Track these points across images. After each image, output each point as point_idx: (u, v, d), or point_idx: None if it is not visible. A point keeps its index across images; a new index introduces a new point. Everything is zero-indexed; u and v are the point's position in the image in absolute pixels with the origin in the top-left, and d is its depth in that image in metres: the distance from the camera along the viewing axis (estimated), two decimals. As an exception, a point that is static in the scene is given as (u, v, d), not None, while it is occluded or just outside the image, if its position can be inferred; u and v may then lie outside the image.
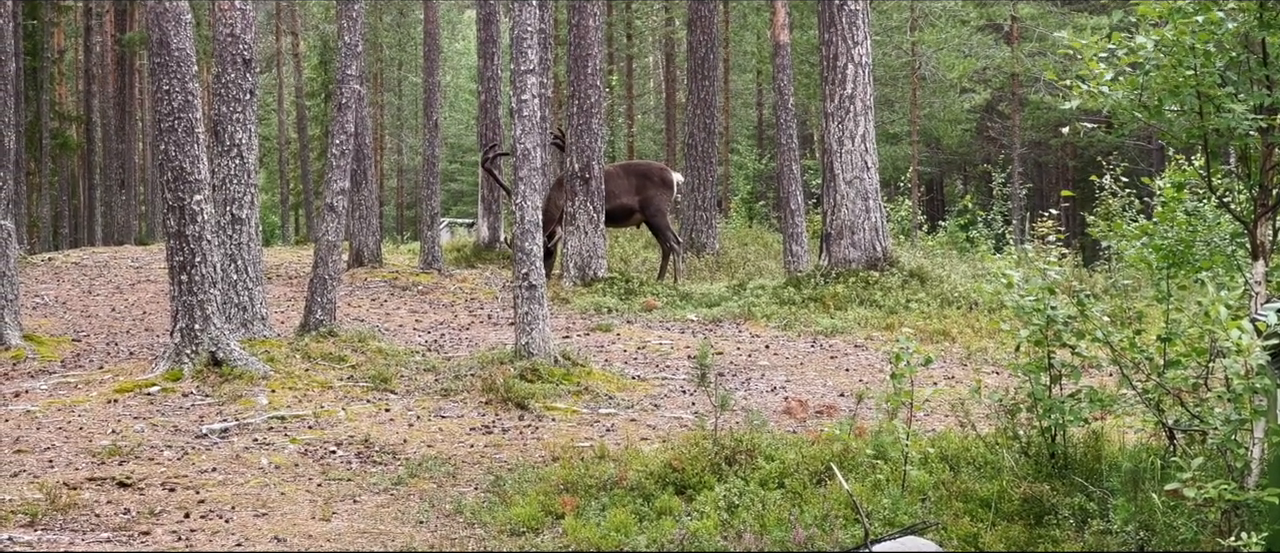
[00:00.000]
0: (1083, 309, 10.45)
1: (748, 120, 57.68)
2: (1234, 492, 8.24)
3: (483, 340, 19.39)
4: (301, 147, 59.95)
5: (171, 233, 15.76)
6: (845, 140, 23.35)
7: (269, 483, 11.88)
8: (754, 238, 35.48)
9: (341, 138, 18.74)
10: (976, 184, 51.59)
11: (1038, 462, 10.67)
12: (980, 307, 21.36)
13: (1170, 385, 10.03)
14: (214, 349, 15.64)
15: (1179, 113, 10.37)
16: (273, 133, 66.37)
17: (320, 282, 18.37)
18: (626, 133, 56.23)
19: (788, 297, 22.57)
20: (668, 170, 27.44)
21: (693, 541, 9.40)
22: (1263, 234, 10.18)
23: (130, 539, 10.21)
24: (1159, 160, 41.37)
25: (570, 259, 25.04)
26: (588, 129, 25.15)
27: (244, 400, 14.74)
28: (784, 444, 12.02)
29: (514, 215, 16.84)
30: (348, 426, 13.97)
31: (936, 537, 9.30)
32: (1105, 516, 9.41)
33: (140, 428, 13.68)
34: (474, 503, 11.19)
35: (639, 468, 11.47)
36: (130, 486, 11.66)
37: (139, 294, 24.34)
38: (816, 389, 16.23)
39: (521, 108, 16.75)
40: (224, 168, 17.70)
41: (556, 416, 14.61)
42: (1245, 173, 10.57)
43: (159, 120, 15.88)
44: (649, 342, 19.54)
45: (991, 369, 17.13)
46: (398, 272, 27.60)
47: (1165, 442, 10.40)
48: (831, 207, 23.54)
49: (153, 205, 56.25)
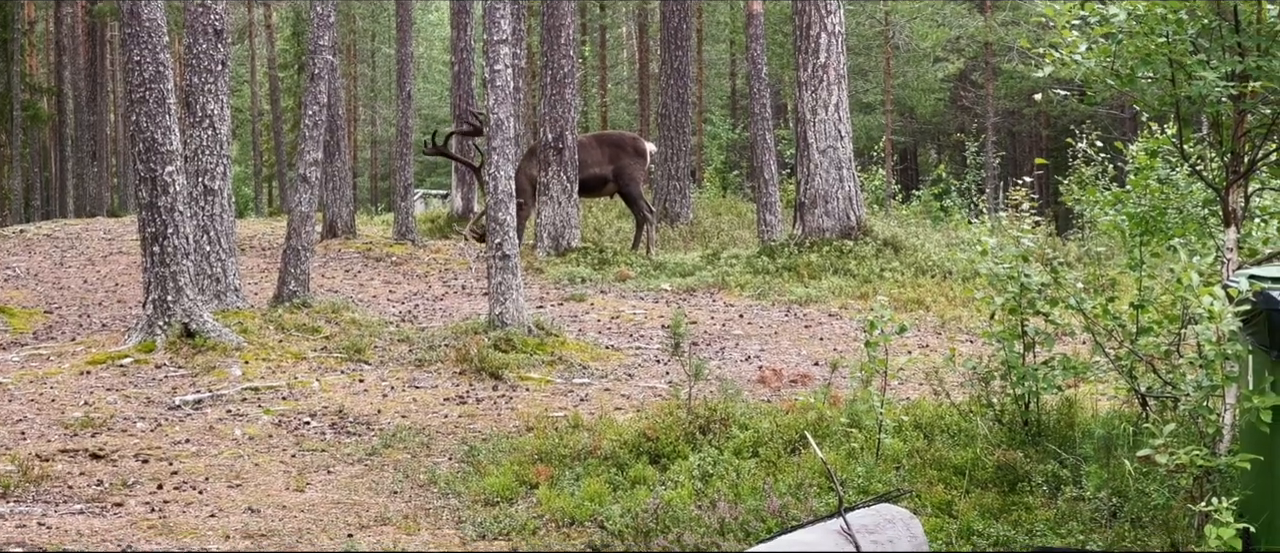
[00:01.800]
0: (1056, 277, 10.47)
1: (721, 90, 57.67)
2: (1206, 458, 8.26)
3: (457, 311, 19.37)
4: (274, 118, 59.80)
5: (143, 204, 15.70)
6: (819, 110, 23.35)
7: (243, 454, 11.86)
8: (728, 208, 35.48)
9: (314, 109, 18.68)
10: (950, 153, 51.63)
11: (1011, 429, 10.69)
12: (954, 275, 21.40)
13: (1143, 352, 10.05)
14: (187, 321, 15.59)
15: (1152, 81, 10.38)
16: (245, 104, 66.24)
17: (293, 253, 18.33)
18: (600, 103, 56.21)
19: (762, 266, 22.58)
20: (641, 140, 27.46)
21: (667, 510, 9.39)
22: (1234, 201, 10.19)
23: (103, 511, 10.19)
24: (1131, 128, 41.44)
25: (544, 229, 25.03)
26: (561, 99, 25.13)
27: (217, 372, 14.71)
28: (758, 413, 12.03)
29: (486, 186, 16.82)
30: (322, 396, 13.95)
31: (911, 504, 9.31)
32: (1078, 482, 9.43)
33: (113, 400, 13.64)
34: (448, 473, 11.18)
35: (613, 438, 11.47)
36: (103, 457, 11.63)
37: (111, 266, 24.27)
38: (791, 358, 16.24)
39: (495, 78, 16.71)
40: (196, 139, 17.64)
41: (530, 385, 14.60)
42: (1217, 140, 10.57)
43: (130, 91, 15.81)
44: (623, 311, 19.54)
45: (965, 337, 17.15)
46: (371, 243, 27.56)
47: (1138, 409, 10.43)
48: (805, 176, 23.54)
49: (125, 177, 56.12)
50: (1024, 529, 9.01)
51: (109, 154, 58.24)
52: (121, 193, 56.60)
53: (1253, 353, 8.23)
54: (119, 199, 56.39)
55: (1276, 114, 10.05)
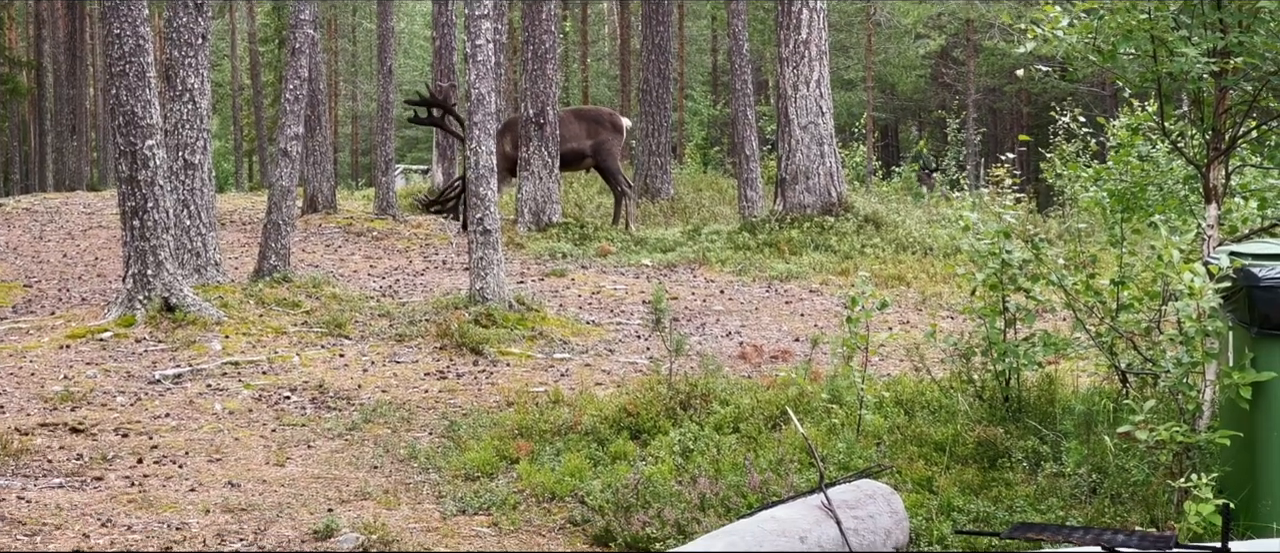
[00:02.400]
0: (1037, 253, 10.47)
1: (702, 66, 57.63)
2: (1185, 434, 8.27)
3: (437, 286, 19.35)
4: (255, 92, 59.72)
5: (123, 178, 15.65)
6: (800, 86, 23.36)
7: (223, 428, 11.84)
8: (708, 183, 35.49)
9: (295, 83, 18.65)
10: (931, 130, 51.67)
11: (992, 405, 10.70)
12: (935, 252, 21.42)
13: (1123, 329, 10.06)
14: (167, 295, 15.55)
15: (1133, 57, 10.38)
16: (226, 79, 66.11)
17: (274, 227, 18.30)
18: (581, 79, 56.17)
19: (742, 242, 22.60)
20: (618, 116, 27.47)
21: (647, 485, 9.39)
22: (1215, 178, 10.19)
23: (83, 484, 10.16)
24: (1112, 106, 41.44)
25: (525, 204, 25.01)
26: (542, 75, 25.10)
27: (197, 346, 14.68)
28: (739, 389, 12.04)
29: (468, 160, 16.80)
30: (302, 371, 13.93)
31: (891, 480, 9.32)
32: (1058, 458, 9.44)
33: (93, 374, 13.61)
34: (428, 448, 11.17)
35: (593, 413, 11.47)
36: (83, 431, 11.60)
37: (91, 240, 24.22)
38: (771, 334, 16.24)
39: (476, 53, 16.69)
40: (176, 113, 17.59)
41: (511, 361, 14.59)
42: (1198, 117, 10.58)
43: (110, 65, 15.74)
44: (604, 287, 19.53)
45: (946, 314, 17.17)
46: (352, 217, 27.52)
47: (1118, 385, 10.44)
48: (786, 152, 23.55)
49: (105, 151, 55.94)
50: (1004, 505, 9.01)
51: (88, 128, 58.04)
52: (101, 167, 56.43)
53: (1233, 329, 8.25)
54: (98, 173, 56.23)
55: (1258, 91, 10.06)
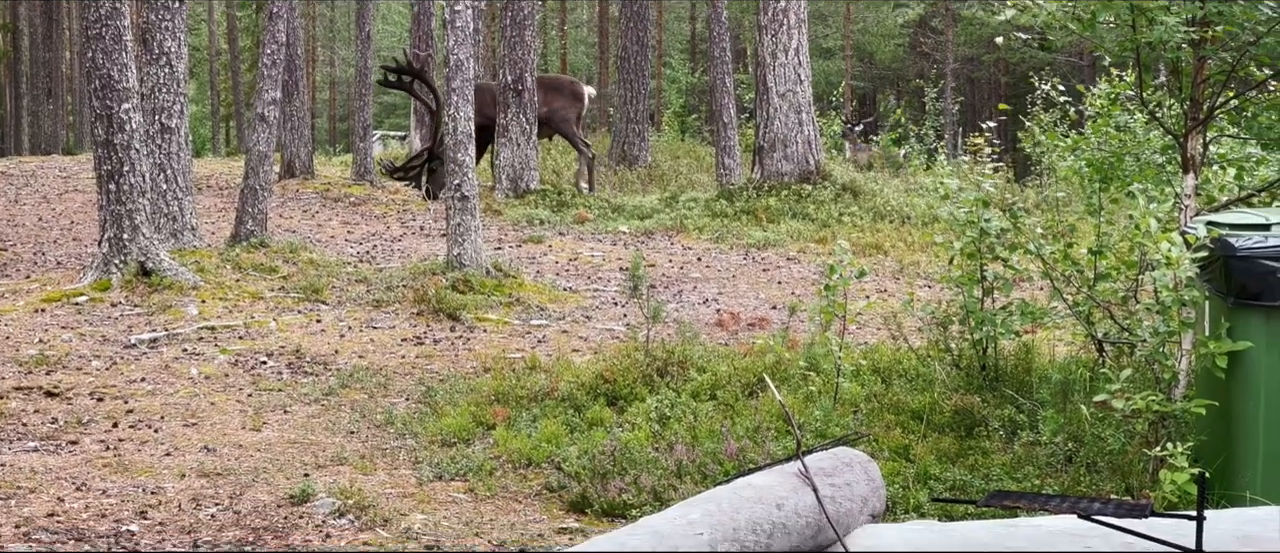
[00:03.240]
0: (1016, 222, 10.49)
1: (681, 34, 57.59)
2: (1161, 403, 8.29)
3: (414, 252, 19.33)
4: (232, 57, 59.46)
5: (99, 142, 15.59)
6: (778, 53, 23.34)
7: (199, 393, 11.82)
8: (686, 151, 35.47)
9: (273, 48, 18.60)
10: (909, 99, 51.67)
11: (969, 374, 10.73)
12: (913, 221, 21.45)
13: (1100, 298, 10.08)
14: (143, 259, 15.51)
15: (1112, 26, 10.37)
16: (203, 43, 65.82)
17: (251, 192, 18.26)
18: (559, 46, 56.07)
19: (720, 209, 22.61)
20: (579, 84, 27.59)
21: (624, 452, 9.40)
22: (1193, 148, 10.20)
23: (58, 448, 10.14)
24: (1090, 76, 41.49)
25: (502, 171, 24.98)
26: (521, 42, 25.05)
27: (174, 311, 14.65)
28: (716, 356, 12.05)
29: (445, 127, 16.75)
30: (279, 336, 13.90)
31: (868, 448, 9.33)
32: (1035, 427, 9.46)
33: (68, 338, 13.58)
34: (405, 414, 11.17)
35: (570, 379, 11.48)
36: (58, 395, 11.58)
37: (67, 204, 24.15)
38: (749, 302, 16.25)
39: (455, 20, 16.65)
40: (153, 76, 17.53)
41: (488, 327, 14.58)
42: (1176, 86, 10.58)
43: (86, 28, 15.67)
44: (581, 253, 19.52)
45: (924, 282, 17.20)
46: (330, 183, 27.46)
47: (1094, 354, 10.46)
48: (764, 120, 23.55)
49: (80, 115, 55.71)
50: (980, 473, 9.04)
51: (64, 92, 57.84)
52: (77, 131, 56.22)
53: (1209, 299, 8.27)
54: (74, 137, 56.03)
55: (1236, 60, 10.06)
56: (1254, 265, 7.82)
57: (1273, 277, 7.76)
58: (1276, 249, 7.79)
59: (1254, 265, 7.82)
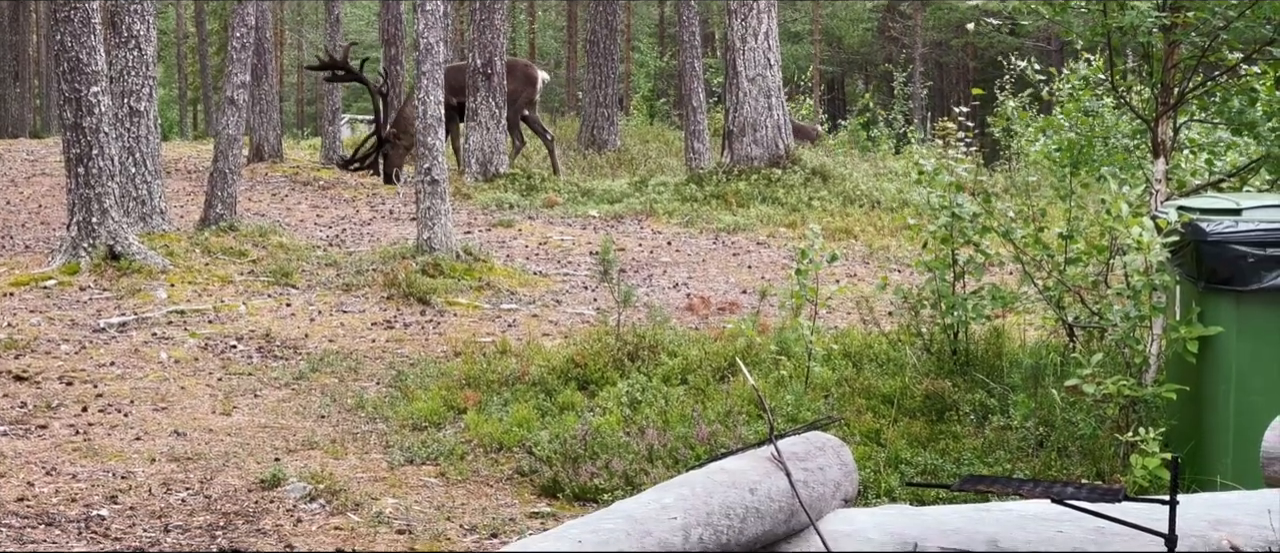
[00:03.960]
0: (987, 206, 10.50)
1: (650, 18, 57.55)
2: (1132, 388, 8.32)
3: (384, 236, 19.30)
4: (200, 41, 59.22)
5: (68, 125, 15.53)
6: (748, 38, 23.33)
7: (168, 377, 11.78)
8: (655, 135, 35.49)
9: (242, 31, 18.54)
10: (877, 84, 51.74)
11: (940, 359, 10.74)
12: (882, 205, 21.47)
13: (1071, 283, 10.10)
14: (112, 243, 15.45)
15: (1083, 11, 10.40)
16: (170, 27, 65.55)
17: (220, 175, 18.21)
18: (527, 30, 55.97)
19: (689, 194, 22.61)
20: (532, 67, 27.69)
21: (595, 436, 9.39)
22: (1163, 132, 10.23)
23: (27, 432, 10.10)
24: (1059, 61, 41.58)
25: (472, 155, 24.94)
26: (490, 25, 25.01)
27: (143, 295, 14.60)
28: (687, 341, 12.05)
29: (414, 109, 16.70)
30: (248, 320, 13.87)
31: (840, 432, 9.34)
32: (1005, 412, 9.48)
33: (36, 322, 13.52)
34: (376, 398, 11.16)
35: (541, 364, 11.48)
36: (27, 379, 11.53)
37: (34, 188, 24.05)
38: (719, 286, 16.26)
39: (424, 2, 16.62)
40: (122, 59, 17.46)
41: (458, 311, 14.56)
42: (1147, 71, 10.62)
43: (55, 10, 15.60)
44: (551, 238, 19.51)
45: (894, 267, 17.22)
46: (299, 167, 27.42)
47: (1065, 339, 10.49)
48: (734, 104, 23.56)
49: (48, 98, 55.42)
50: (951, 458, 9.06)
51: (31, 75, 57.57)
52: (44, 114, 55.94)
53: (1180, 284, 8.30)
54: (42, 121, 55.76)
55: (1207, 45, 10.09)
56: (1225, 250, 7.85)
57: (1243, 261, 7.79)
58: (1247, 234, 7.82)
59: (1225, 250, 7.85)
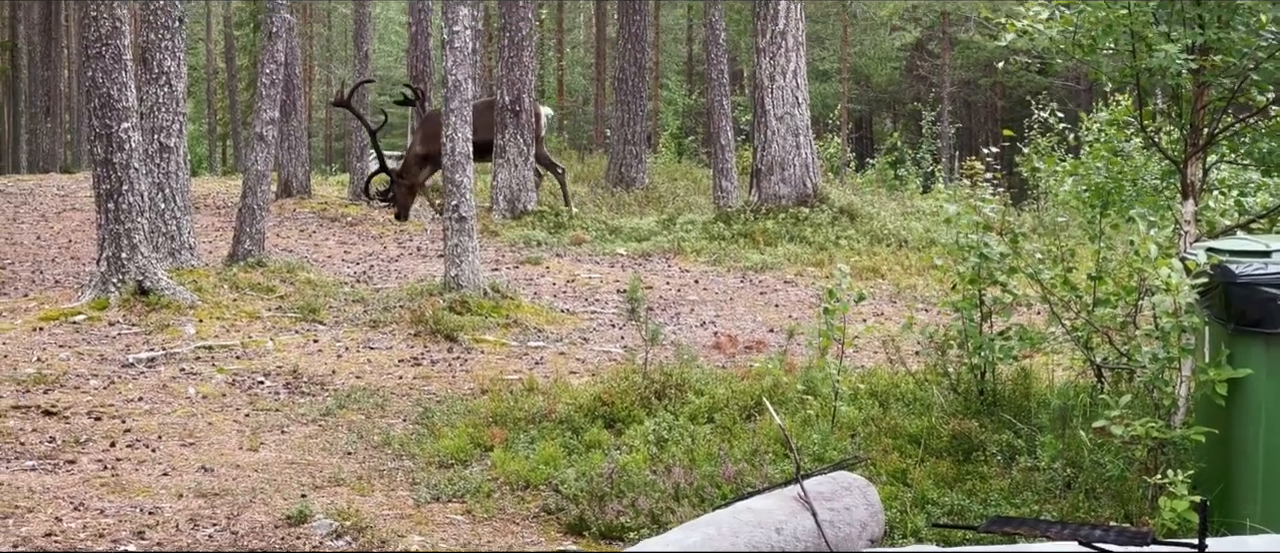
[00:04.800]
0: (1015, 246, 10.48)
1: (678, 56, 57.62)
2: (1161, 430, 8.29)
3: (412, 272, 19.32)
4: (230, 76, 59.46)
5: (98, 161, 15.59)
6: (777, 76, 23.36)
7: (196, 413, 11.80)
8: (684, 173, 35.48)
9: (272, 67, 18.62)
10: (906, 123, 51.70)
11: (967, 399, 10.71)
12: (910, 244, 21.45)
13: (1099, 324, 10.07)
14: (141, 278, 15.50)
15: (1112, 53, 10.39)
16: (201, 62, 65.81)
17: (249, 211, 18.26)
18: (556, 67, 56.06)
19: (717, 232, 22.60)
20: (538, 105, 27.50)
21: (622, 475, 9.39)
22: (1192, 173, 10.22)
23: (56, 468, 10.13)
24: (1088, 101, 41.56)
25: (500, 192, 24.98)
26: (519, 62, 25.07)
27: (171, 330, 14.64)
28: (714, 379, 12.04)
29: (444, 147, 16.73)
30: (276, 356, 13.89)
31: (866, 472, 9.32)
32: (1033, 452, 9.45)
33: (66, 356, 13.56)
34: (402, 435, 11.16)
35: (568, 401, 11.47)
36: (56, 414, 11.56)
37: (65, 223, 24.14)
38: (746, 324, 16.25)
39: (453, 40, 16.65)
40: (152, 96, 17.55)
41: (485, 348, 14.57)
42: (1176, 112, 10.60)
43: (86, 47, 15.68)
44: (578, 275, 19.52)
45: (921, 306, 17.18)
46: (327, 203, 27.48)
47: (1093, 380, 10.45)
48: (762, 142, 23.56)
49: (79, 133, 55.67)
50: (978, 499, 9.03)
51: (63, 110, 57.79)
52: (75, 149, 56.18)
53: (1209, 325, 8.26)
54: (72, 155, 55.99)
55: (1236, 87, 10.07)
56: (1254, 292, 7.81)
57: (1273, 304, 7.76)
58: (1277, 276, 7.79)
59: (1254, 292, 7.81)
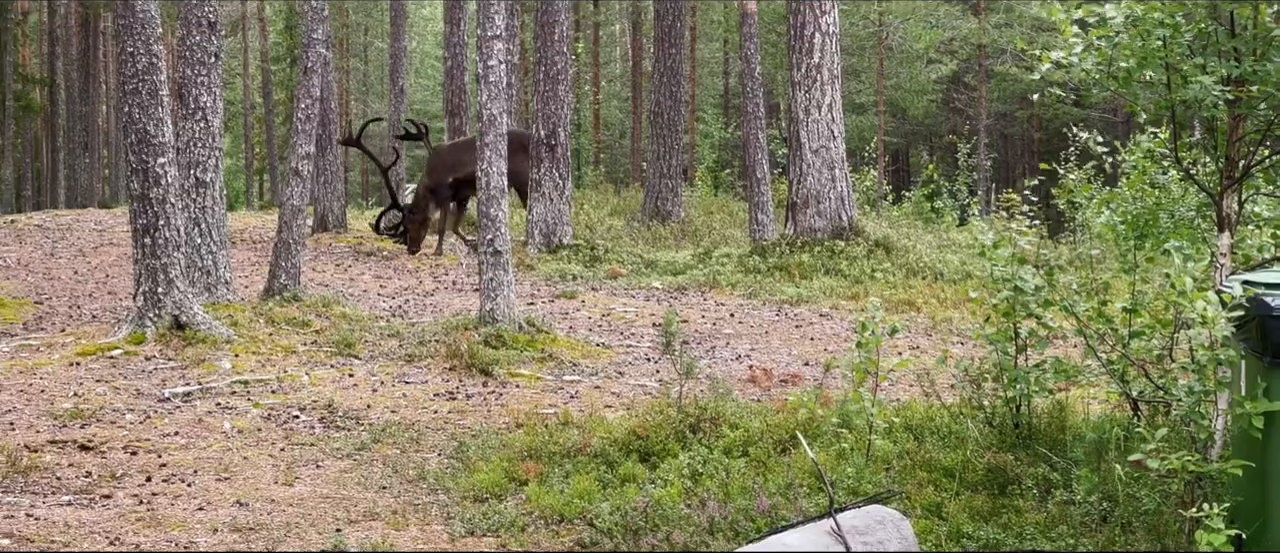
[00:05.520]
0: (1050, 279, 10.44)
1: (714, 89, 57.64)
2: (1197, 463, 8.24)
3: (447, 306, 19.34)
4: (267, 111, 59.74)
5: (135, 196, 15.66)
6: (812, 109, 23.37)
7: (231, 447, 11.83)
8: (719, 206, 35.49)
9: (307, 102, 18.68)
10: (942, 155, 51.66)
11: (1002, 432, 10.67)
12: (946, 277, 21.40)
13: (1135, 356, 10.03)
14: (177, 313, 15.55)
15: (1147, 84, 10.36)
16: (238, 97, 66.15)
17: (284, 246, 18.32)
18: (592, 101, 56.17)
19: (753, 265, 22.59)
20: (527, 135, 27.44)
21: (656, 508, 9.38)
22: (1228, 206, 10.17)
23: (92, 502, 10.16)
24: (1125, 133, 41.48)
25: (535, 226, 25.02)
26: (554, 96, 25.12)
27: (207, 365, 14.68)
28: (748, 413, 12.01)
29: (479, 181, 16.75)
30: (311, 390, 13.91)
31: (901, 506, 9.29)
32: (1068, 486, 9.41)
33: (102, 391, 13.61)
34: (437, 469, 11.16)
35: (603, 435, 11.46)
36: (92, 449, 11.60)
37: (102, 257, 24.23)
38: (781, 358, 16.22)
39: (488, 74, 16.68)
40: (188, 131, 17.62)
41: (520, 382, 14.57)
42: (1212, 144, 10.56)
43: (123, 83, 15.77)
44: (614, 309, 19.52)
45: (957, 339, 17.13)
46: (363, 237, 27.53)
47: (1129, 413, 10.41)
48: (797, 176, 23.56)
49: (117, 169, 56.01)
50: (1014, 532, 8.99)
51: (101, 145, 58.12)
52: (113, 184, 56.49)
53: (1245, 359, 8.21)
54: (110, 190, 56.30)
55: (1272, 119, 10.03)
56: (1290, 325, 7.78)
57: (1309, 336, 7.72)
58: (1313, 309, 7.75)
59: (1290, 325, 7.78)
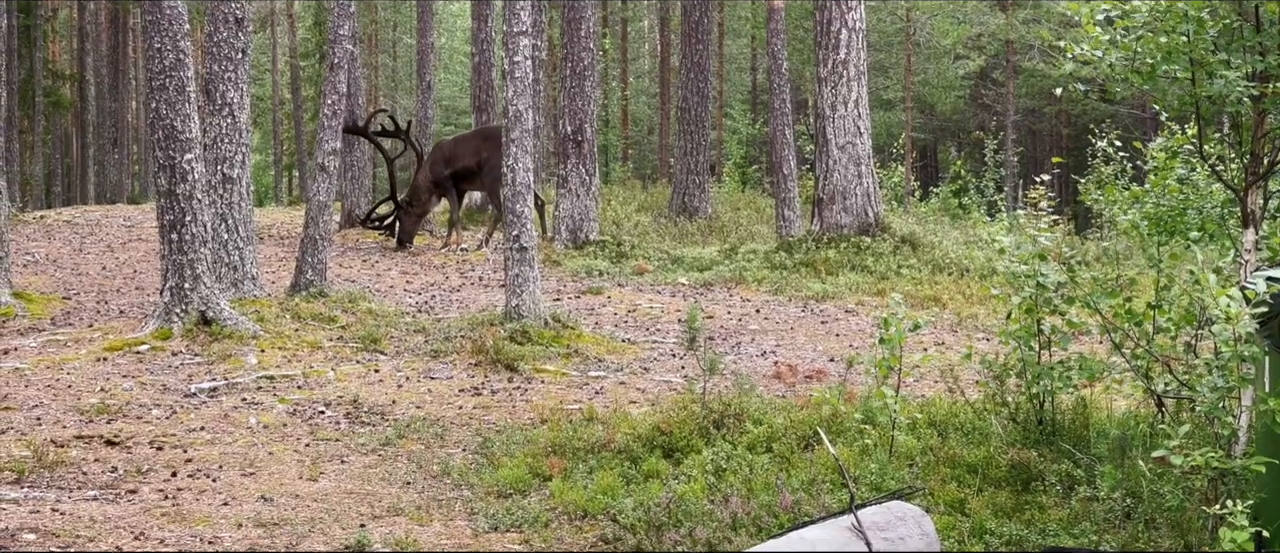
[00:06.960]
0: (1073, 275, 10.43)
1: (742, 85, 57.59)
2: (1221, 460, 8.23)
3: (473, 302, 19.36)
4: (295, 107, 59.78)
5: (162, 192, 15.71)
6: (838, 105, 23.34)
7: (257, 442, 11.86)
8: (747, 202, 35.47)
9: (334, 98, 18.72)
10: (969, 151, 51.54)
11: (1026, 428, 10.66)
12: (972, 273, 21.37)
13: (1159, 353, 10.02)
14: (204, 308, 15.60)
15: (1172, 80, 10.34)
16: (267, 93, 66.19)
17: (311, 242, 18.35)
18: (620, 97, 56.15)
19: (779, 261, 22.57)
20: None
21: (680, 504, 9.39)
22: (1253, 202, 10.15)
23: (118, 497, 10.20)
24: (1152, 128, 41.34)
25: (562, 222, 25.02)
26: (581, 92, 25.12)
27: (233, 360, 14.72)
28: (773, 409, 12.01)
29: (505, 176, 16.77)
30: (337, 386, 13.95)
31: (923, 502, 9.29)
32: (1092, 482, 9.40)
33: (129, 386, 13.66)
34: (462, 464, 11.18)
35: (627, 431, 11.46)
36: (118, 444, 11.64)
37: (130, 253, 24.31)
38: (806, 354, 16.21)
39: (514, 69, 16.69)
40: (215, 127, 17.66)
41: (545, 378, 14.59)
42: (1237, 140, 10.54)
43: (150, 79, 15.81)
44: (639, 305, 19.52)
45: (982, 335, 17.11)
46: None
47: (1153, 409, 10.40)
48: (824, 172, 23.54)
49: (145, 164, 56.11)
50: (1037, 529, 8.98)
51: (130, 141, 58.29)
52: (142, 180, 56.61)
53: (1269, 355, 8.20)
54: (139, 186, 56.43)
55: (1297, 115, 10.01)
56: (1314, 322, 7.77)
57: (1332, 333, 7.70)
58: (1336, 305, 7.73)
59: (1314, 322, 7.77)
